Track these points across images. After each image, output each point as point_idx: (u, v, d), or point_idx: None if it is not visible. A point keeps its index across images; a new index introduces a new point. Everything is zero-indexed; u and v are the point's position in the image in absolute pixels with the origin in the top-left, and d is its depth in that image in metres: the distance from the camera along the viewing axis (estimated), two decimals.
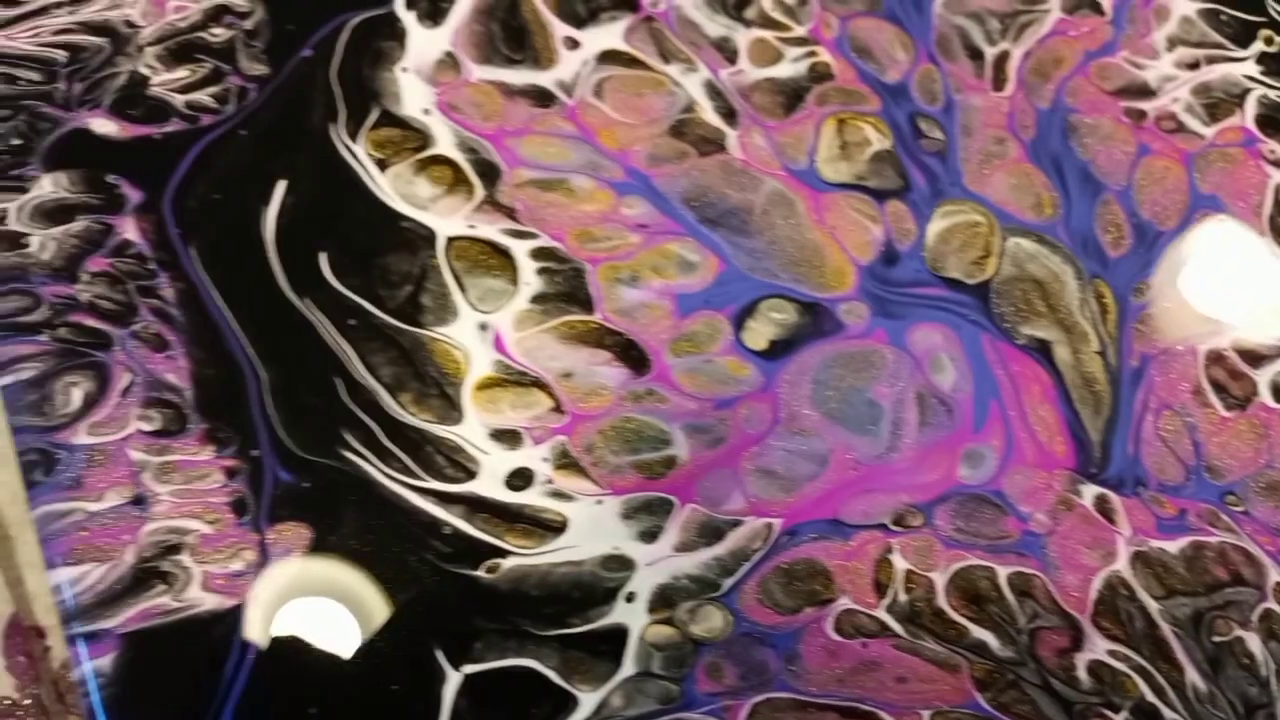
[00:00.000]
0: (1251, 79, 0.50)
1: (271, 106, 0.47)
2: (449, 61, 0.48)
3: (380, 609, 0.42)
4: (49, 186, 0.45)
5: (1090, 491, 0.45)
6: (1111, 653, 0.43)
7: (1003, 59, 0.49)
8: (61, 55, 0.47)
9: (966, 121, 0.49)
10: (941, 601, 0.44)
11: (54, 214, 0.45)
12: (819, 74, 0.48)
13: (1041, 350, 0.46)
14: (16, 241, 0.44)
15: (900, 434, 0.45)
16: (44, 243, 0.45)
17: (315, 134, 0.47)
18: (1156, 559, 0.44)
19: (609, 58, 0.48)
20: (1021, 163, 0.49)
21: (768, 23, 0.49)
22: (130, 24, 0.47)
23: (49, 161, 0.46)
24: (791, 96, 0.48)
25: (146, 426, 0.43)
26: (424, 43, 0.48)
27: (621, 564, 0.43)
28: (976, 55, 0.49)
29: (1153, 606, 0.44)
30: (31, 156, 0.45)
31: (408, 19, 0.48)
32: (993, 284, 0.47)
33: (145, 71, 0.47)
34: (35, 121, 0.46)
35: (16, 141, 0.45)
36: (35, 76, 0.46)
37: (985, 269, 0.47)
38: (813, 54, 0.49)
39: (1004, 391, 0.46)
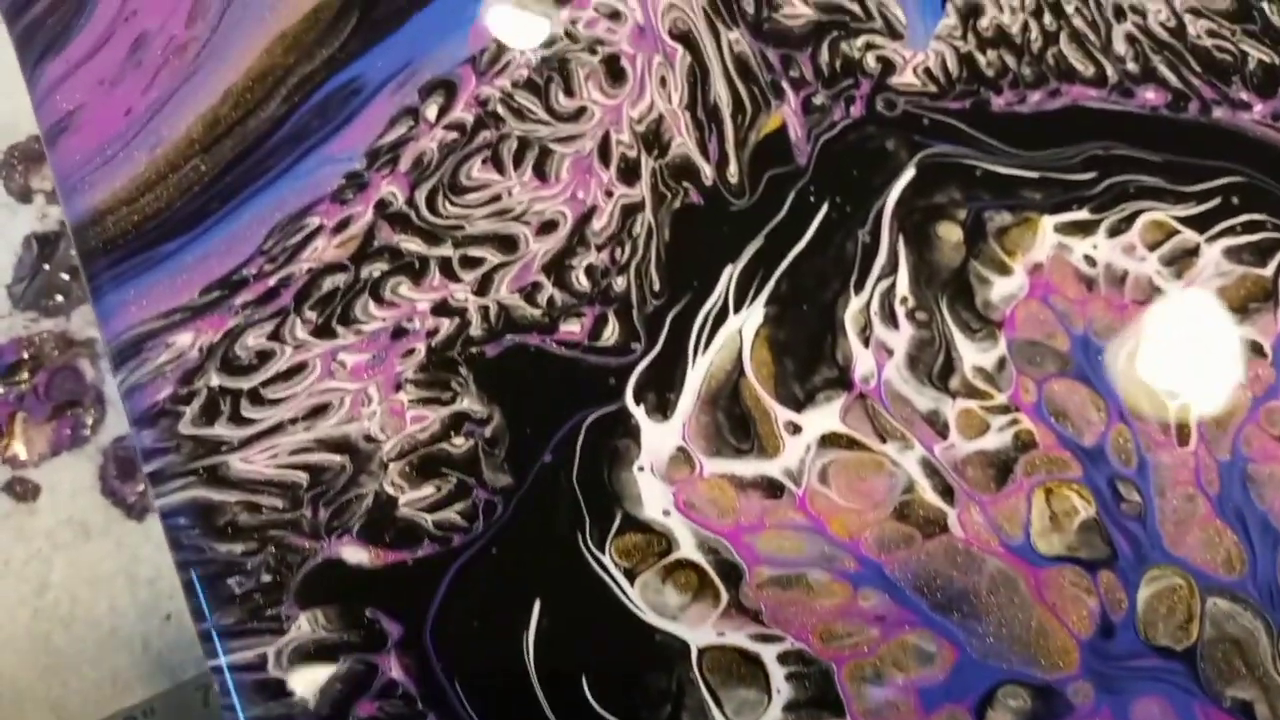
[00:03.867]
0: None
1: (519, 520, 0.35)
2: (682, 456, 0.39)
3: None
4: (306, 627, 0.35)
5: None
6: None
7: (1184, 412, 0.42)
8: (303, 478, 0.37)
9: (1159, 481, 0.41)
10: None
11: (315, 655, 0.35)
12: (1024, 443, 0.40)
13: (1244, 711, 0.39)
14: (280, 690, 0.35)
15: None
16: (308, 688, 0.35)
17: (564, 547, 0.35)
18: None
19: (830, 441, 0.39)
20: (1210, 519, 0.41)
21: (971, 392, 0.40)
22: (370, 438, 0.37)
23: (303, 598, 0.36)
24: (1001, 469, 0.40)
25: None
26: (657, 438, 0.39)
27: None
28: None
29: None
30: (285, 594, 0.36)
31: (638, 413, 0.39)
32: (1198, 648, 0.39)
33: (391, 491, 0.37)
34: (284, 554, 0.36)
35: (267, 578, 0.36)
36: (279, 504, 0.37)
37: (1190, 633, 0.39)
38: (1015, 421, 0.40)
39: None
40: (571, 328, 0.37)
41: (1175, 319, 0.40)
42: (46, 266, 0.42)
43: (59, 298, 0.42)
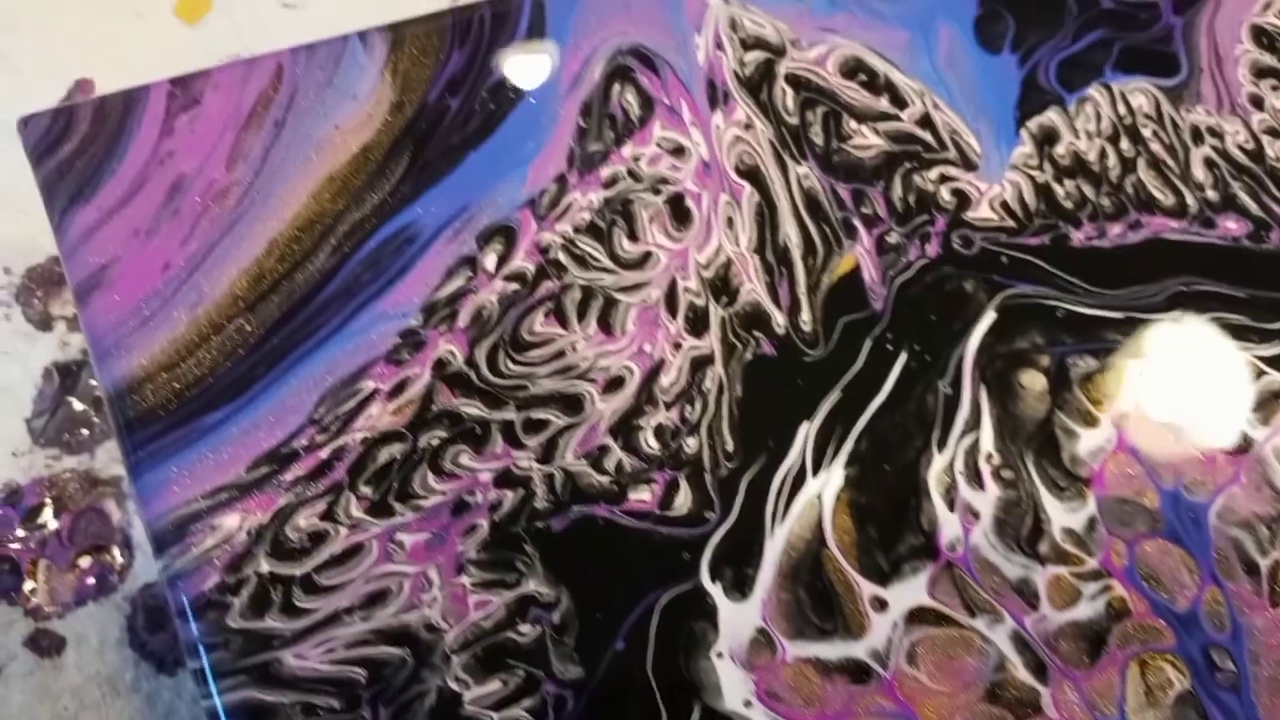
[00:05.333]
0: None
1: (591, 717, 0.34)
2: (763, 640, 0.35)
3: None
4: None
5: None
6: None
7: (1275, 570, 0.39)
8: (361, 674, 0.34)
9: (1253, 647, 0.38)
10: None
11: None
12: (1117, 611, 0.37)
13: None
14: None
15: None
16: None
17: None
18: None
19: (917, 617, 0.36)
20: None
21: (1062, 557, 0.37)
22: (431, 628, 0.34)
23: None
24: (1094, 640, 0.37)
25: None
26: (735, 619, 0.35)
27: None
28: (1253, 569, 0.38)
29: None
30: None
31: (715, 592, 0.36)
32: None
33: (455, 686, 0.33)
34: None
35: None
36: (336, 704, 0.33)
37: None
38: (1108, 588, 0.37)
39: None
40: (641, 496, 0.34)
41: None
42: (69, 398, 0.38)
43: (82, 432, 0.39)
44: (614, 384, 0.33)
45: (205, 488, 0.31)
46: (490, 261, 0.34)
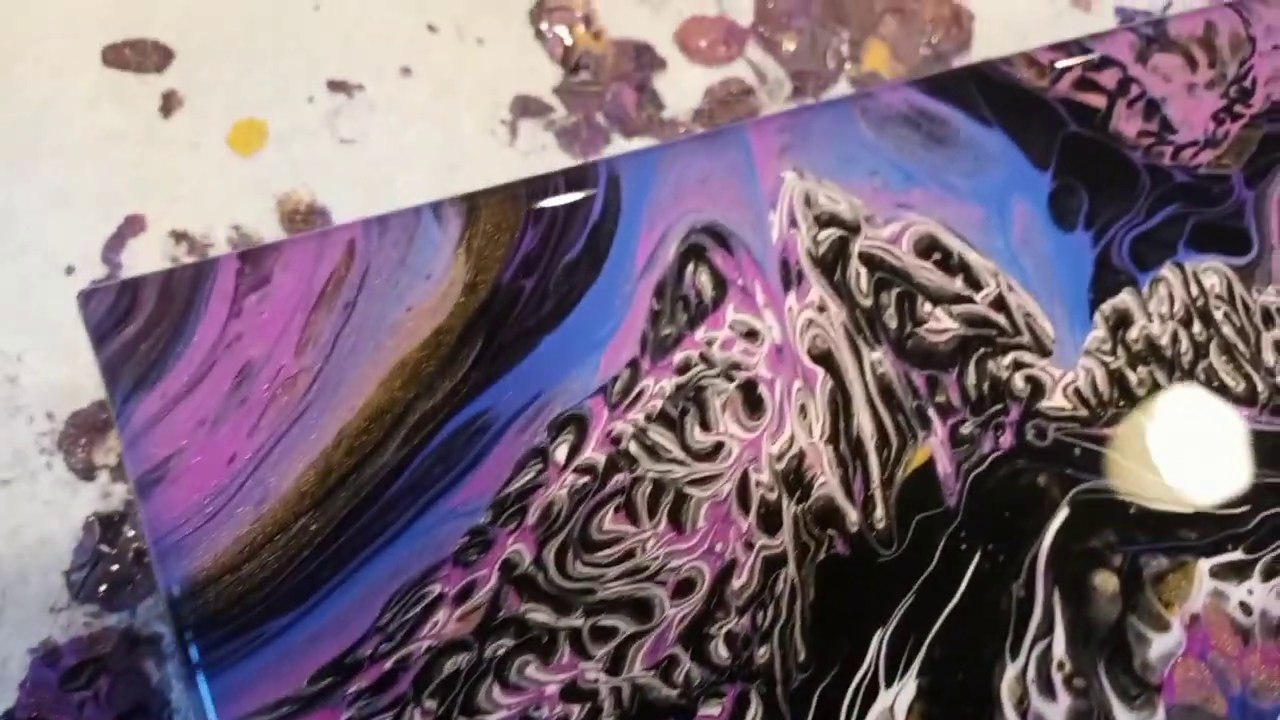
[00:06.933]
0: None
1: None
2: None
3: None
4: None
5: None
6: None
7: None
8: None
9: None
10: None
11: None
12: None
13: None
14: None
15: None
16: None
17: None
18: None
19: None
20: None
21: None
22: None
23: None
24: None
25: None
26: None
27: None
28: None
29: None
30: None
31: None
32: None
33: None
34: None
35: None
36: None
37: None
38: None
39: None
40: (711, 711, 0.32)
41: None
42: (110, 551, 0.37)
43: (123, 588, 0.37)
44: (684, 587, 0.32)
45: (267, 700, 0.29)
46: (561, 453, 0.32)
